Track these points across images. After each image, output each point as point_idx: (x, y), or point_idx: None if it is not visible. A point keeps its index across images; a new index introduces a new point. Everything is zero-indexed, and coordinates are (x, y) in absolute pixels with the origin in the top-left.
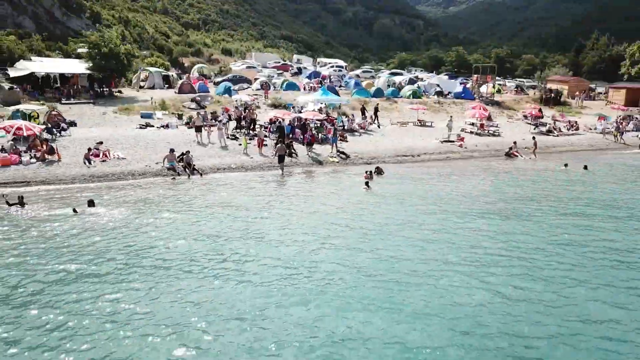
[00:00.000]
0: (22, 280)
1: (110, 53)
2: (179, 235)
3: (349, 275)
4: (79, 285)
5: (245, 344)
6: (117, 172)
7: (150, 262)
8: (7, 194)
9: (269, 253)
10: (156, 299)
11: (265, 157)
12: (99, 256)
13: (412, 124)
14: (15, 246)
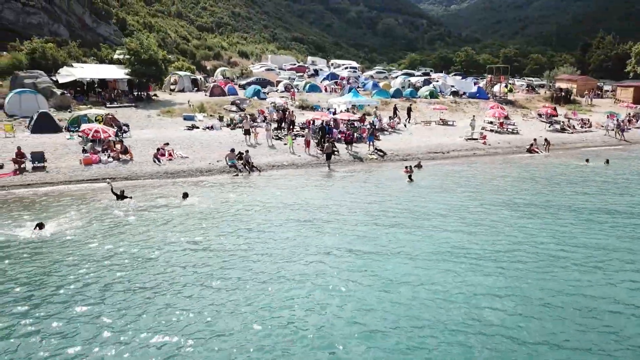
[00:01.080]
0: (165, 253)
1: (150, 59)
2: (276, 220)
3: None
4: (212, 254)
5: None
6: (187, 169)
7: (265, 237)
8: (119, 187)
9: (353, 234)
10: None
11: (310, 156)
12: (216, 234)
13: (434, 123)
14: (140, 227)
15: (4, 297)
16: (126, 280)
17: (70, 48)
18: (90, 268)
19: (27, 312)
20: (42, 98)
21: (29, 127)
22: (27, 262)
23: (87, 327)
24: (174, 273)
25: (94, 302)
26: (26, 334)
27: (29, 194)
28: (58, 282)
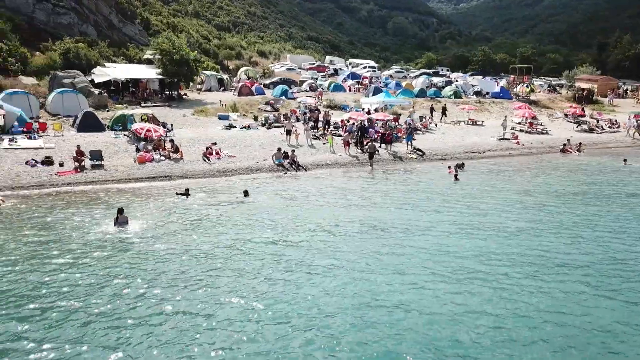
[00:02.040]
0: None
1: (181, 59)
2: (338, 217)
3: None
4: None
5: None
6: (237, 168)
7: (328, 229)
8: (177, 184)
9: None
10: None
11: (351, 156)
12: (284, 230)
13: (463, 123)
14: (211, 223)
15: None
16: (211, 274)
17: (100, 48)
18: (176, 261)
19: (119, 300)
20: (82, 97)
21: (74, 126)
22: (112, 255)
23: (182, 318)
24: (261, 268)
25: (180, 297)
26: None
27: (93, 190)
28: (146, 275)
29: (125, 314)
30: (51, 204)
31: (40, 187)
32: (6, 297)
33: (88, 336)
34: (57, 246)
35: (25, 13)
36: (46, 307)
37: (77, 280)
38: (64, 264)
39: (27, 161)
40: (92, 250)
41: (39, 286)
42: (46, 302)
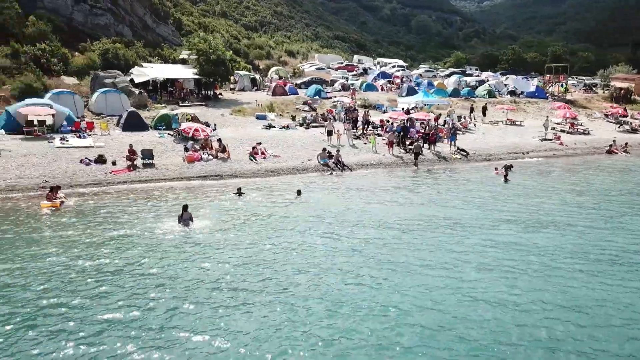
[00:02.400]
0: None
1: (218, 60)
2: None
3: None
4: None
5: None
6: (284, 167)
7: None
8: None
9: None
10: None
11: (394, 155)
12: (342, 229)
13: (502, 123)
14: (266, 220)
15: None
16: (275, 272)
17: (137, 48)
18: (245, 258)
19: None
20: (125, 97)
21: (118, 125)
22: (181, 250)
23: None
24: (338, 264)
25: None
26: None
27: (148, 189)
28: (218, 269)
29: (205, 307)
30: (112, 201)
31: (97, 185)
32: (92, 289)
33: (175, 321)
34: (127, 241)
35: (64, 14)
36: (128, 298)
37: (152, 273)
38: (137, 256)
39: (82, 160)
40: (160, 245)
41: (120, 280)
42: (125, 293)
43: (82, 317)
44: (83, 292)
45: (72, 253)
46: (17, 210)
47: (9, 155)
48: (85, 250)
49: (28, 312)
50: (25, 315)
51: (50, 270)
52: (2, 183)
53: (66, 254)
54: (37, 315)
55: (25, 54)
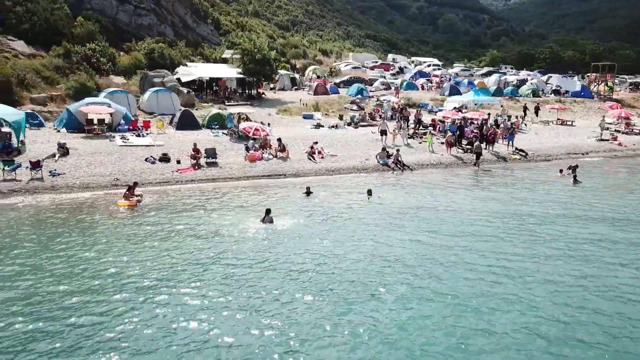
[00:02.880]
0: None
1: (263, 59)
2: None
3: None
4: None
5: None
6: (344, 167)
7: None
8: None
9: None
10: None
11: (452, 155)
12: (422, 230)
13: (552, 123)
14: (344, 220)
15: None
16: (375, 269)
17: (180, 47)
18: (333, 259)
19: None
20: (175, 96)
21: (171, 124)
22: (266, 248)
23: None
24: (431, 262)
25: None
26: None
27: (217, 187)
28: (303, 268)
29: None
30: (186, 199)
31: (166, 183)
32: (185, 282)
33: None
34: (214, 239)
35: (109, 15)
36: (215, 291)
37: (240, 271)
38: (221, 253)
39: (146, 158)
40: (246, 243)
41: (209, 275)
42: (213, 288)
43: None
44: (196, 281)
45: (172, 248)
46: (97, 207)
47: (77, 153)
48: (180, 245)
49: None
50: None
51: (155, 261)
52: (77, 181)
53: (166, 249)
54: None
55: (77, 54)
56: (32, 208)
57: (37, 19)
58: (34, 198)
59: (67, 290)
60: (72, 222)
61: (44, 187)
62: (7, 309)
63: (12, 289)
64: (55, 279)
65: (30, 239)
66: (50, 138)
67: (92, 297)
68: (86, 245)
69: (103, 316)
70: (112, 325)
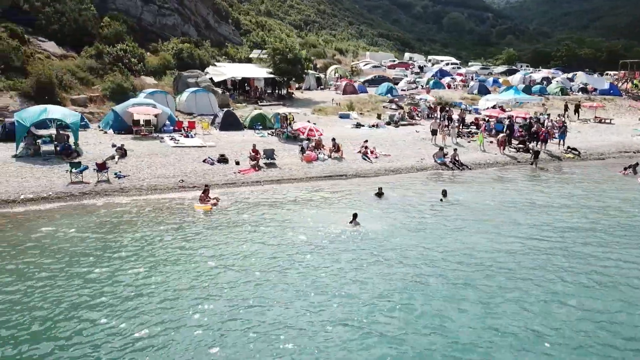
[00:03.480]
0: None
1: (295, 59)
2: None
3: None
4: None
5: None
6: (402, 167)
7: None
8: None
9: None
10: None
11: (504, 155)
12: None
13: (591, 121)
14: (427, 221)
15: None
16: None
17: (206, 47)
18: (448, 256)
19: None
20: (213, 97)
21: (213, 125)
22: (354, 249)
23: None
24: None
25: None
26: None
27: (284, 189)
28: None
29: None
30: (261, 202)
31: (232, 184)
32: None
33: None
34: (311, 243)
35: (134, 15)
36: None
37: (324, 270)
38: (312, 252)
39: (205, 160)
40: (334, 243)
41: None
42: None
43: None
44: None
45: (269, 251)
46: (177, 210)
47: (134, 155)
48: (275, 248)
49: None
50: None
51: (259, 263)
52: (143, 183)
53: (259, 251)
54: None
55: (109, 55)
56: (113, 209)
57: (66, 20)
58: (108, 200)
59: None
60: (165, 224)
61: (113, 189)
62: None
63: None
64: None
65: (133, 239)
66: (101, 139)
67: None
68: (192, 248)
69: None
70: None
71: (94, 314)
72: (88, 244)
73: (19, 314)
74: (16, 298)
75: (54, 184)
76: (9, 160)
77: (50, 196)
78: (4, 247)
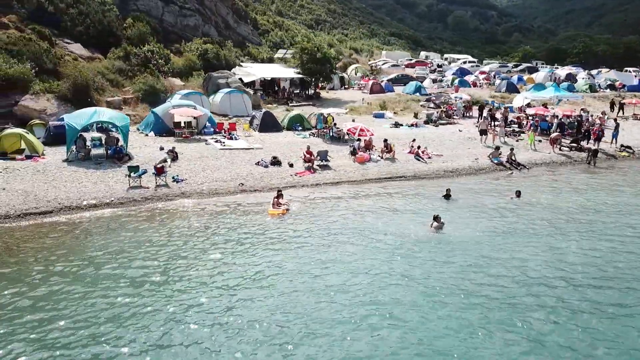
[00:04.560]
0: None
1: (324, 58)
2: None
3: None
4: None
5: None
6: (460, 167)
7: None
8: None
9: None
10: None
11: (557, 154)
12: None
13: (632, 118)
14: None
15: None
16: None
17: (229, 48)
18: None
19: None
20: (247, 98)
21: (252, 126)
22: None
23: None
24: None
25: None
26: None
27: (347, 192)
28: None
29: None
30: (327, 205)
31: (292, 187)
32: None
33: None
34: (393, 249)
35: (155, 16)
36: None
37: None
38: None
39: (258, 162)
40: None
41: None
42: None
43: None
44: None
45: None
46: (251, 212)
47: (185, 158)
48: (358, 254)
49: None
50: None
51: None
52: (203, 187)
53: (345, 259)
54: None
55: (137, 56)
56: (186, 213)
57: (90, 21)
58: (173, 204)
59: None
60: (247, 227)
61: (174, 193)
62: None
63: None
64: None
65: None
66: (145, 142)
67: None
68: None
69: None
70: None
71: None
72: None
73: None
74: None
75: (113, 189)
76: (61, 165)
77: (113, 202)
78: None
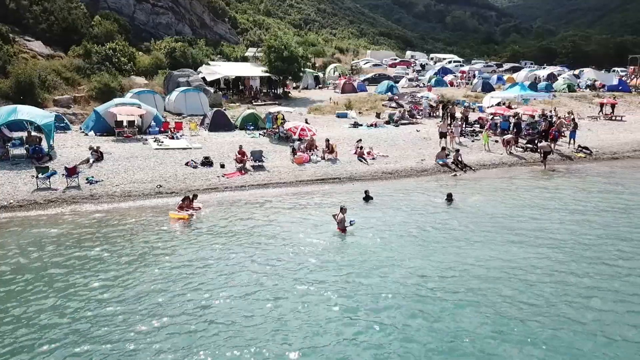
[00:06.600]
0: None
1: (291, 57)
2: None
3: None
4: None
5: None
6: (401, 169)
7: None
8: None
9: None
10: None
11: (511, 154)
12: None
13: (600, 118)
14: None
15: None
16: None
17: (200, 46)
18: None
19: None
20: (204, 97)
21: (203, 125)
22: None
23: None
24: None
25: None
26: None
27: (270, 194)
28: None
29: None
30: (244, 210)
31: (213, 190)
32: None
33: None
34: (302, 255)
35: (126, 14)
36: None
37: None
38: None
39: (187, 162)
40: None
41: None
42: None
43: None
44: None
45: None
46: (150, 223)
47: (112, 158)
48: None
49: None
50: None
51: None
52: (117, 189)
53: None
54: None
55: (97, 54)
56: (72, 223)
57: (55, 19)
58: (74, 209)
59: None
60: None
61: (82, 196)
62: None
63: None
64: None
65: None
66: (80, 142)
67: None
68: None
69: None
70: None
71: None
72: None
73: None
74: None
75: (17, 191)
76: None
77: (11, 204)
78: None
